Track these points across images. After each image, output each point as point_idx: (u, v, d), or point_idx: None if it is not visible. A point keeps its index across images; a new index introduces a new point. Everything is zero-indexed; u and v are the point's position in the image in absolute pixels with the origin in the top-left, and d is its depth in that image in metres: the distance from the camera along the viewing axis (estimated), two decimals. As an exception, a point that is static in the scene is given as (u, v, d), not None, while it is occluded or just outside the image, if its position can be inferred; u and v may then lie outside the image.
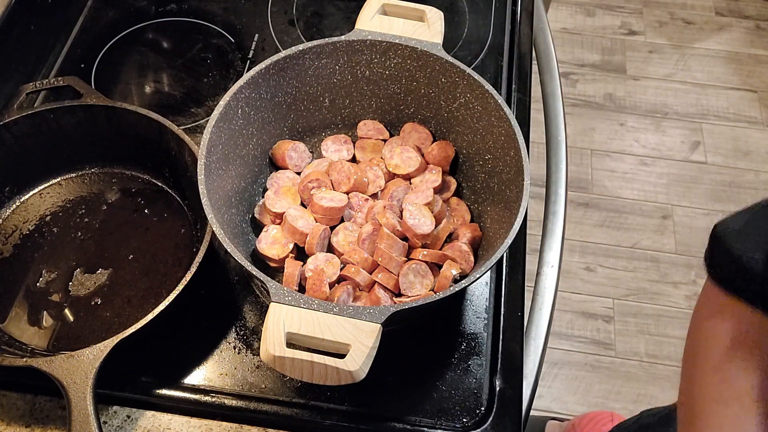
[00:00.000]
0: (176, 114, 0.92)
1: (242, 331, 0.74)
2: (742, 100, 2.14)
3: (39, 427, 0.68)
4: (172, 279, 0.76)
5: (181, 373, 0.71)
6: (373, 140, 0.85)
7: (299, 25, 1.03)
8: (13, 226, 0.80)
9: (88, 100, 0.78)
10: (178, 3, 1.05)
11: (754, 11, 2.37)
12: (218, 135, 0.71)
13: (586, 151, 2.03)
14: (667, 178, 1.98)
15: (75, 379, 0.60)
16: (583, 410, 1.60)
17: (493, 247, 0.70)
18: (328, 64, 0.80)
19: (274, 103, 0.79)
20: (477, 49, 1.01)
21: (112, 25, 1.02)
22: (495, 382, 0.72)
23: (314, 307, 0.58)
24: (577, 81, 2.17)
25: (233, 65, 0.98)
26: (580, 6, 2.36)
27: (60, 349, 0.71)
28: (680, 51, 2.26)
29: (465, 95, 0.77)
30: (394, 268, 0.72)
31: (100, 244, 0.79)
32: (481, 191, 0.80)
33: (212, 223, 0.63)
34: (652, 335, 1.71)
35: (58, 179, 0.84)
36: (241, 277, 0.78)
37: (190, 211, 0.81)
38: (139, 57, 0.98)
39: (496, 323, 0.76)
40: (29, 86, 0.82)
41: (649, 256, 1.83)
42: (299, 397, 0.70)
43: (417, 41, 0.77)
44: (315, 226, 0.75)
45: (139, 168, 0.84)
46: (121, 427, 0.69)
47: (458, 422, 0.70)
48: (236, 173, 0.76)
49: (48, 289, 0.76)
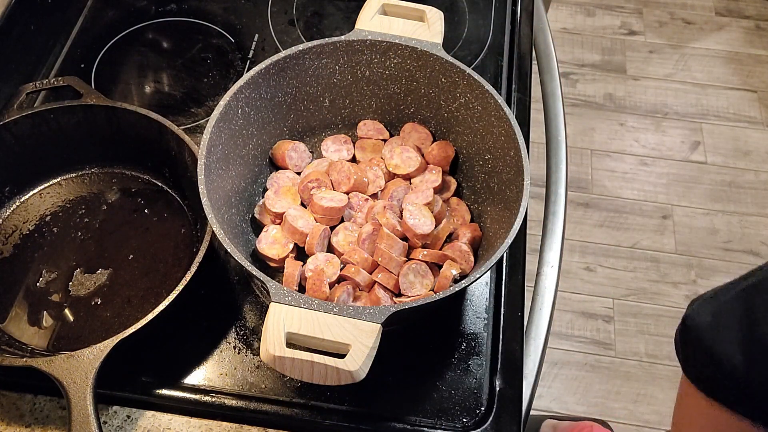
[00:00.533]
0: (176, 114, 0.91)
1: (242, 331, 0.74)
2: (742, 100, 2.14)
3: (39, 427, 0.68)
4: (172, 279, 0.76)
5: (181, 373, 0.71)
6: (373, 140, 0.85)
7: (299, 25, 1.03)
8: (13, 226, 0.80)
9: (88, 100, 0.78)
10: (178, 3, 1.05)
11: (754, 11, 2.37)
12: (218, 135, 0.71)
13: (586, 151, 2.03)
14: (667, 178, 1.98)
15: (75, 379, 0.60)
16: (583, 410, 1.60)
17: (493, 247, 0.70)
18: (328, 64, 0.80)
19: (274, 103, 0.79)
20: (477, 49, 1.01)
21: (112, 25, 1.02)
22: (495, 382, 0.72)
23: (314, 307, 0.58)
24: (577, 81, 2.17)
25: (233, 65, 0.98)
26: (580, 6, 2.36)
27: (60, 349, 0.71)
28: (680, 51, 2.26)
29: (465, 95, 0.77)
30: (394, 268, 0.72)
31: (100, 244, 0.79)
32: (481, 191, 0.80)
33: (212, 223, 0.63)
34: (652, 335, 1.71)
35: (58, 179, 0.84)
36: (241, 277, 0.78)
37: (190, 211, 0.81)
38: (139, 57, 0.98)
39: (496, 323, 0.76)
40: (29, 86, 0.82)
41: (649, 256, 1.83)
42: (299, 397, 0.70)
43: (417, 41, 0.77)
44: (315, 226, 0.75)
45: (139, 168, 0.84)
46: (121, 427, 0.69)
47: (458, 422, 0.70)
48: (236, 173, 0.76)
49: (48, 289, 0.76)
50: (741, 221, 1.90)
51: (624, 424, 1.58)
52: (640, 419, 1.59)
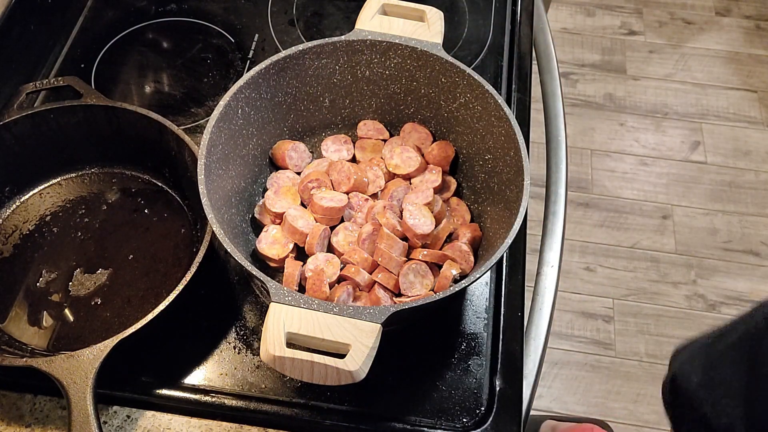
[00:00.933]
0: (176, 114, 0.91)
1: (242, 331, 0.74)
2: (742, 100, 2.14)
3: (39, 427, 0.68)
4: (172, 279, 0.76)
5: (181, 373, 0.71)
6: (373, 140, 0.85)
7: (299, 25, 1.03)
8: (13, 226, 0.80)
9: (88, 100, 0.78)
10: (178, 3, 1.05)
11: (754, 11, 2.37)
12: (218, 135, 0.71)
13: (586, 151, 2.03)
14: (667, 178, 1.98)
15: (75, 379, 0.60)
16: (583, 410, 1.60)
17: (493, 247, 0.70)
18: (328, 64, 0.79)
19: (274, 103, 0.79)
20: (477, 49, 1.01)
21: (112, 25, 1.02)
22: (495, 382, 0.72)
23: (314, 307, 0.58)
24: (577, 81, 2.17)
25: (233, 65, 0.98)
26: (580, 6, 2.36)
27: (60, 349, 0.71)
28: (680, 51, 2.26)
29: (465, 95, 0.77)
30: (394, 268, 0.72)
31: (100, 244, 0.79)
32: (481, 191, 0.80)
33: (212, 223, 0.63)
34: (652, 335, 1.71)
35: (58, 179, 0.83)
36: (241, 277, 0.78)
37: (190, 211, 0.81)
38: (139, 57, 0.98)
39: (496, 323, 0.76)
40: (29, 86, 0.82)
41: (649, 256, 1.83)
42: (299, 397, 0.70)
43: (417, 41, 0.77)
44: (315, 226, 0.75)
45: (139, 168, 0.84)
46: (121, 427, 0.69)
47: (458, 422, 0.69)
48: (236, 173, 0.76)
49: (48, 289, 0.76)
50: (741, 221, 1.90)
51: (624, 424, 1.58)
52: (640, 419, 1.59)
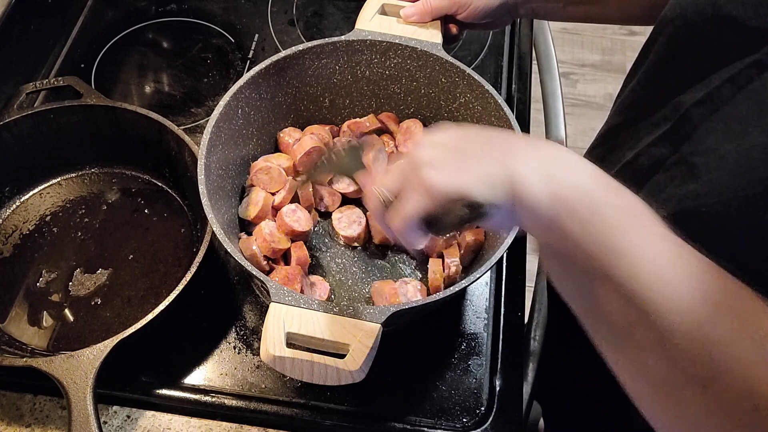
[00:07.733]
0: (176, 114, 0.91)
1: (242, 331, 0.74)
2: (742, 100, 2.14)
3: (39, 427, 0.68)
4: (172, 279, 0.76)
5: (181, 373, 0.71)
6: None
7: (299, 25, 1.03)
8: (13, 226, 0.80)
9: (88, 100, 0.78)
10: (178, 3, 1.05)
11: (754, 11, 2.36)
12: (218, 135, 0.71)
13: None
14: (667, 178, 1.97)
15: (75, 379, 0.60)
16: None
17: (493, 247, 0.70)
18: (328, 64, 0.80)
19: (274, 103, 0.79)
20: (477, 49, 1.01)
21: (112, 25, 1.02)
22: (495, 382, 0.72)
23: (314, 307, 0.58)
24: (577, 81, 2.17)
25: (233, 65, 0.98)
26: (580, 6, 2.36)
27: (60, 349, 0.71)
28: (680, 51, 2.25)
29: (465, 95, 0.77)
30: None
31: (100, 244, 0.79)
32: (481, 191, 0.80)
33: (212, 223, 0.63)
34: (652, 335, 1.71)
35: (58, 179, 0.83)
36: (241, 277, 0.78)
37: (190, 211, 0.81)
38: (139, 57, 0.98)
39: (496, 323, 0.76)
40: (29, 86, 0.82)
41: (649, 256, 1.83)
42: (299, 397, 0.70)
43: (417, 41, 0.77)
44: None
45: (139, 168, 0.84)
46: (121, 427, 0.69)
47: (458, 422, 0.70)
48: (236, 173, 0.76)
49: (48, 289, 0.76)
50: (741, 221, 1.89)
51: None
52: (640, 419, 1.59)
